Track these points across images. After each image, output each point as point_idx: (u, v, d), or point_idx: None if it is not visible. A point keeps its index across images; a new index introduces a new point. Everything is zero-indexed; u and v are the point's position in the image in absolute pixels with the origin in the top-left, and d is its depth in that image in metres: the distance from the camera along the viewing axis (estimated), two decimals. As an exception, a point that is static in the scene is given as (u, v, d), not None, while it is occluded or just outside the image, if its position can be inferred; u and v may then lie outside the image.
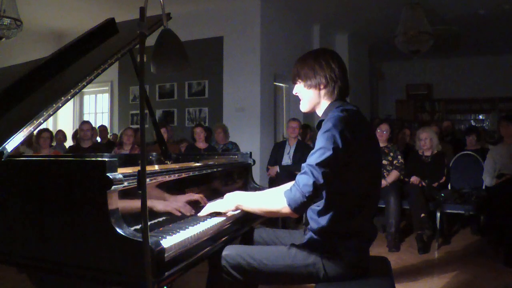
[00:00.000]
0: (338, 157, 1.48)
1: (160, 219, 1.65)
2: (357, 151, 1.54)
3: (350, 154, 1.51)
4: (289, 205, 1.49)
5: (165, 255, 1.30)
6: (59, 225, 1.39)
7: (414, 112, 10.72)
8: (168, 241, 1.41)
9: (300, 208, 1.50)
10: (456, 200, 4.18)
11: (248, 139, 5.93)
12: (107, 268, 1.30)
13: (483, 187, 4.37)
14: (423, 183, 4.26)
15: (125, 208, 1.42)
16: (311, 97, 1.69)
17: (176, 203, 1.78)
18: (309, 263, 1.58)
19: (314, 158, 1.50)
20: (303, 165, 1.53)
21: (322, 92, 1.67)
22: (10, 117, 1.73)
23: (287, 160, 5.14)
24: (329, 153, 1.47)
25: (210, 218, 1.76)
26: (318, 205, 1.66)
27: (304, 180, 1.48)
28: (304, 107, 1.74)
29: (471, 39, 8.46)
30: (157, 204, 1.65)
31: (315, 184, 1.46)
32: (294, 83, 1.74)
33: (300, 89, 1.72)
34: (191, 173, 1.93)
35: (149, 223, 1.36)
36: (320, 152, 1.49)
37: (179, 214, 1.77)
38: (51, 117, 2.42)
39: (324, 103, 1.69)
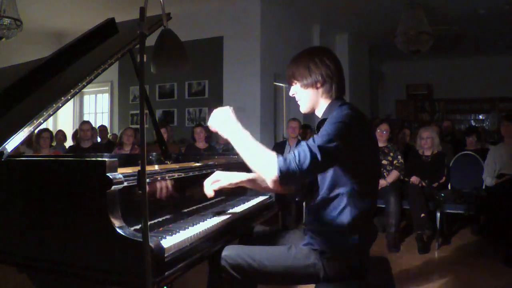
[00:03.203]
0: (342, 149, 1.45)
1: (160, 219, 1.64)
2: (359, 151, 1.54)
3: (350, 153, 1.51)
4: (280, 171, 1.38)
5: (165, 255, 1.30)
6: (59, 225, 1.39)
7: (414, 112, 10.73)
8: (168, 241, 1.41)
9: (288, 179, 1.40)
10: (456, 200, 4.17)
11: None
12: (107, 268, 1.30)
13: (483, 187, 4.37)
14: (423, 183, 4.26)
15: (125, 208, 1.42)
16: (309, 97, 1.67)
17: (176, 203, 1.78)
18: (309, 263, 1.58)
19: (318, 140, 1.43)
20: (302, 142, 1.46)
21: (320, 90, 1.65)
22: (10, 117, 1.73)
23: (287, 160, 5.14)
24: (335, 142, 1.43)
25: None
26: (318, 206, 1.66)
27: (302, 153, 1.39)
28: (304, 107, 1.71)
29: (471, 39, 8.47)
30: (157, 204, 1.65)
31: (313, 160, 1.38)
32: (290, 84, 1.71)
33: (297, 89, 1.70)
34: (191, 173, 1.93)
35: (149, 223, 1.36)
36: (326, 137, 1.43)
37: (179, 214, 1.77)
38: (51, 117, 2.42)
39: (323, 102, 1.68)
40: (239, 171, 1.82)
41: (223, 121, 1.58)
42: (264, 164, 1.42)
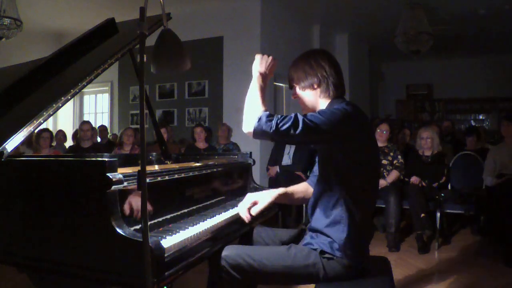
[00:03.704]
0: (326, 132, 1.50)
1: (160, 219, 1.65)
2: (357, 148, 1.55)
3: (343, 147, 1.54)
4: (257, 123, 1.50)
5: (165, 255, 1.30)
6: (59, 225, 1.40)
7: (414, 112, 10.73)
8: (168, 241, 1.41)
9: (261, 134, 1.51)
10: (456, 200, 4.17)
11: (248, 139, 5.85)
12: (107, 268, 1.31)
13: (483, 187, 4.37)
14: (423, 183, 4.26)
15: (125, 208, 1.42)
16: (309, 98, 1.72)
17: (176, 203, 1.78)
18: (309, 263, 1.58)
19: (308, 115, 1.51)
20: (298, 114, 1.52)
21: (318, 91, 1.70)
22: (10, 117, 1.73)
23: (287, 160, 5.14)
24: (323, 124, 1.49)
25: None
26: (318, 205, 1.67)
27: (286, 118, 1.48)
28: (305, 109, 1.76)
29: (471, 39, 8.46)
30: (157, 204, 1.65)
31: (291, 128, 1.46)
32: (291, 88, 1.78)
33: (297, 92, 1.75)
34: (191, 173, 1.93)
35: (149, 223, 1.36)
36: (315, 116, 1.50)
37: (179, 214, 1.77)
38: (51, 117, 2.42)
39: (322, 102, 1.70)
40: (239, 171, 1.82)
41: (256, 65, 1.72)
42: (250, 113, 1.56)
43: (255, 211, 1.69)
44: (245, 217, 1.71)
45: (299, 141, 1.53)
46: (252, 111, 1.57)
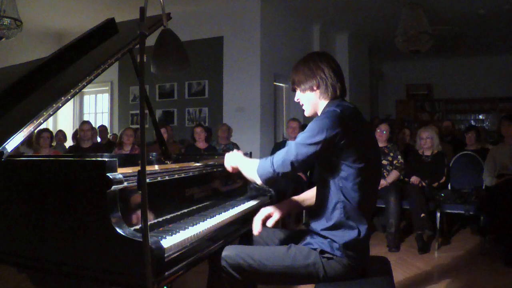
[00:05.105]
0: (321, 146, 1.54)
1: (160, 219, 1.65)
2: (354, 148, 1.55)
3: (339, 149, 1.55)
4: (260, 177, 1.64)
5: (165, 255, 1.30)
6: (59, 225, 1.40)
7: (414, 112, 10.73)
8: (168, 241, 1.41)
9: (269, 182, 1.65)
10: (456, 200, 4.17)
11: (248, 139, 5.92)
12: (107, 268, 1.31)
13: (483, 187, 4.37)
14: (423, 183, 4.26)
15: (125, 208, 1.42)
16: (309, 100, 1.74)
17: (176, 203, 1.78)
18: (309, 263, 1.58)
19: (300, 137, 1.58)
20: (289, 142, 1.61)
21: (318, 92, 1.71)
22: (10, 117, 1.73)
23: (287, 160, 5.13)
24: (315, 139, 1.54)
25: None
26: (318, 206, 1.67)
27: (281, 157, 1.58)
28: (307, 111, 1.78)
29: (471, 39, 8.46)
30: (157, 204, 1.65)
31: (292, 163, 1.56)
32: (293, 90, 1.80)
33: (298, 95, 1.78)
34: (191, 173, 1.93)
35: (149, 223, 1.36)
36: (308, 135, 1.56)
37: (179, 214, 1.77)
38: (51, 117, 2.42)
39: (322, 103, 1.71)
40: (239, 171, 1.82)
41: (231, 159, 1.84)
42: (251, 169, 1.69)
43: (271, 223, 1.75)
44: (256, 230, 1.74)
45: (302, 164, 1.58)
46: (251, 168, 1.69)
